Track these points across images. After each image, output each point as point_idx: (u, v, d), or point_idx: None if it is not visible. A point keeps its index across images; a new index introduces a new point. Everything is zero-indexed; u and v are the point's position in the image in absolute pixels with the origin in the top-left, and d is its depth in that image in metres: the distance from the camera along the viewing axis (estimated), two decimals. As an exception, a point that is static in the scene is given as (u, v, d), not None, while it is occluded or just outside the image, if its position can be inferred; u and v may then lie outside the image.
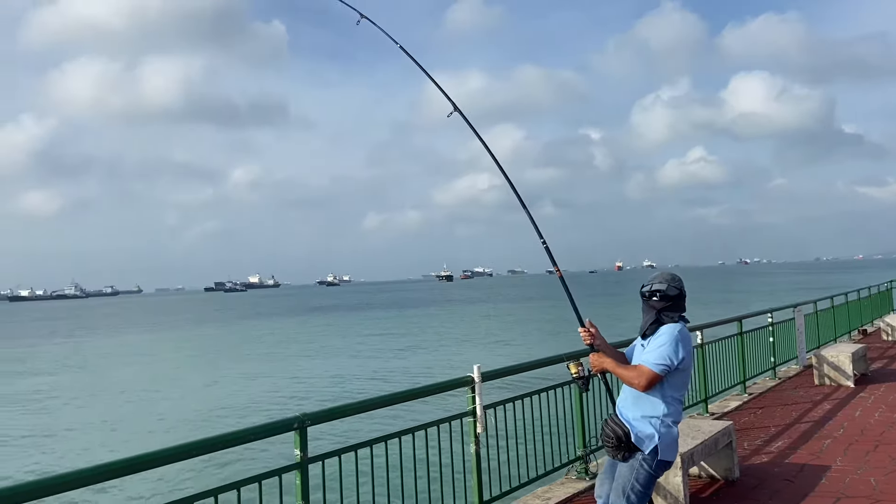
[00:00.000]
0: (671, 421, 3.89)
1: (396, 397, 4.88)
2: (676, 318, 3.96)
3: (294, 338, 46.97)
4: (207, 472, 9.34)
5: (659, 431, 3.83)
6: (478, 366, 5.35)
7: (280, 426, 3.88)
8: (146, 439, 16.27)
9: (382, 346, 37.64)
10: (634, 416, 3.90)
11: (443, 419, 5.12)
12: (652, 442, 3.82)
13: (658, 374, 3.79)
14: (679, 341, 3.84)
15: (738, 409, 9.26)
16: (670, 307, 3.97)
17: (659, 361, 3.79)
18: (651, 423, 3.84)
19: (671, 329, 3.89)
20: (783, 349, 11.78)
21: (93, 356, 40.86)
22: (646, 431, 3.84)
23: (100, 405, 23.14)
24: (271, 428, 3.88)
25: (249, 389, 24.47)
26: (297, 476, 3.88)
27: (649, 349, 3.89)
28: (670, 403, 3.88)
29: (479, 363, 5.48)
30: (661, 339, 3.87)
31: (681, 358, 3.82)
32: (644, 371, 3.81)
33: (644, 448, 3.82)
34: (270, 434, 3.86)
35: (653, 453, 3.82)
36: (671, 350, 3.80)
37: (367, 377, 25.85)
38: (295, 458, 3.90)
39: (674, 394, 3.90)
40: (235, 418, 18.60)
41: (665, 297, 3.98)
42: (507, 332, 42.32)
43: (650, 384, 3.80)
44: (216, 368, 31.49)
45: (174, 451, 3.44)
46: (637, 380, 3.81)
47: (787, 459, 6.75)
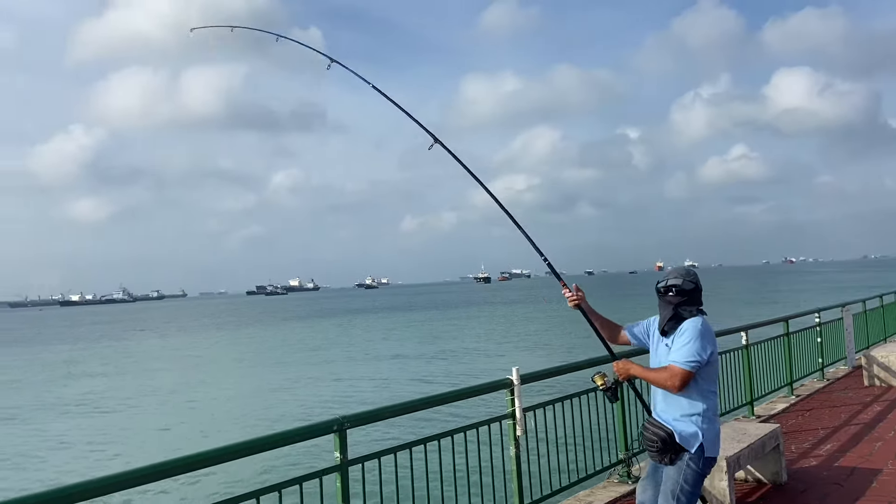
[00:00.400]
0: (712, 414, 3.83)
1: (435, 400, 4.88)
2: (695, 311, 3.89)
3: (334, 340, 47.42)
4: (248, 473, 9.45)
5: (701, 428, 3.76)
6: (516, 368, 5.31)
7: (319, 429, 3.91)
8: (192, 441, 16.58)
9: (421, 348, 37.73)
10: (674, 416, 3.82)
11: (482, 422, 5.10)
12: (697, 440, 3.75)
13: (690, 372, 3.72)
14: (703, 335, 3.78)
15: (786, 411, 9.04)
16: (687, 301, 3.90)
17: (689, 359, 3.72)
18: (693, 421, 3.77)
19: (693, 324, 3.82)
20: (831, 350, 11.46)
21: (144, 358, 41.89)
22: (689, 430, 3.76)
23: (151, 406, 23.67)
24: (311, 430, 3.91)
25: (291, 391, 24.81)
26: (338, 478, 3.91)
27: (675, 348, 3.81)
28: (707, 397, 3.81)
29: (517, 365, 5.45)
30: (685, 336, 3.78)
31: (709, 352, 3.77)
32: (676, 371, 3.73)
33: (690, 447, 3.75)
34: (310, 437, 3.89)
35: (699, 451, 3.75)
36: (699, 346, 3.73)
37: (406, 379, 25.98)
38: (335, 460, 3.92)
39: (709, 387, 3.84)
40: (277, 420, 18.81)
41: (681, 292, 3.90)
42: (547, 334, 42.05)
43: (684, 383, 3.72)
44: (260, 370, 32.04)
45: (216, 454, 3.49)
46: (670, 381, 3.74)
47: (836, 463, 6.56)
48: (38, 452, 17.44)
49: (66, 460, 16.48)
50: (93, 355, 45.99)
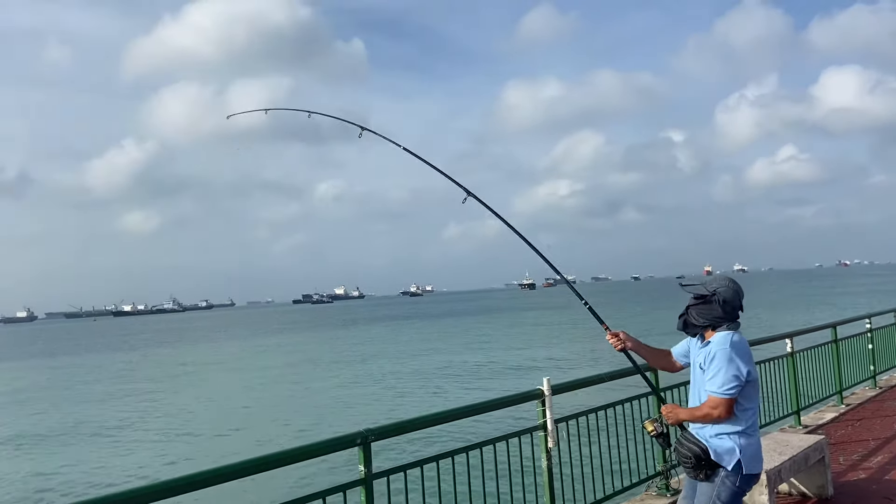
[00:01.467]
0: (751, 430, 3.66)
1: (463, 412, 4.80)
2: (726, 325, 3.70)
3: (371, 348, 47.72)
4: (272, 486, 9.40)
5: (739, 444, 3.60)
6: (547, 378, 5.22)
7: (343, 442, 3.88)
8: (218, 453, 16.66)
9: (457, 356, 37.64)
10: (710, 432, 3.67)
11: (511, 433, 5.02)
12: (733, 456, 3.59)
13: (732, 399, 3.55)
14: (735, 356, 3.59)
15: (834, 420, 8.72)
16: (704, 310, 3.73)
17: (728, 386, 3.55)
18: (729, 437, 3.61)
19: (722, 346, 3.63)
20: (884, 356, 11.03)
21: (191, 366, 42.86)
22: (725, 446, 3.61)
23: (188, 416, 24.15)
24: (334, 444, 3.88)
25: (322, 401, 25.09)
26: (362, 492, 3.88)
27: (709, 376, 3.63)
28: (746, 413, 3.64)
29: (549, 375, 5.36)
30: (717, 362, 3.60)
31: (746, 372, 3.59)
32: (716, 402, 3.57)
33: (726, 464, 3.60)
34: (334, 450, 3.87)
35: (736, 468, 3.59)
36: (734, 370, 3.56)
37: (437, 389, 25.87)
38: (359, 473, 3.90)
39: (747, 404, 3.66)
40: (304, 431, 18.92)
41: (707, 302, 3.73)
42: (584, 342, 41.58)
43: (728, 411, 3.56)
44: (292, 379, 32.48)
45: (236, 469, 3.50)
46: (714, 412, 3.58)
47: (886, 476, 6.29)
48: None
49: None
50: (130, 367, 47.20)
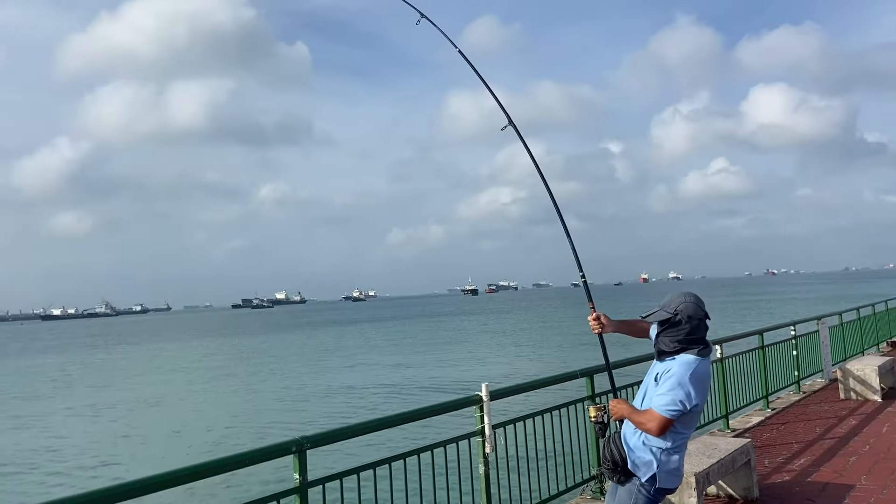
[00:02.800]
0: (675, 449, 3.70)
1: (399, 418, 4.78)
2: (695, 349, 3.65)
3: (308, 353, 47.22)
4: (204, 496, 9.16)
5: (658, 459, 3.66)
6: (486, 384, 5.25)
7: (277, 450, 3.82)
8: (148, 462, 16.16)
9: (396, 361, 37.58)
10: (635, 442, 3.73)
11: (450, 440, 5.02)
12: (650, 470, 3.66)
13: (670, 420, 3.57)
14: (690, 384, 3.57)
15: (761, 424, 9.04)
16: (670, 332, 3.70)
17: (671, 407, 3.55)
18: (651, 451, 3.67)
19: (685, 368, 3.61)
20: (808, 362, 11.51)
21: (112, 372, 41.44)
22: (644, 458, 3.68)
23: (117, 424, 23.33)
24: (269, 452, 3.81)
25: (257, 407, 24.67)
26: (296, 501, 3.81)
27: (660, 390, 3.64)
28: (678, 435, 3.67)
29: (487, 381, 5.39)
30: (672, 380, 3.59)
31: (694, 403, 3.58)
32: (654, 416, 3.59)
33: (640, 475, 3.67)
34: (267, 458, 3.80)
35: (650, 480, 3.67)
36: (683, 394, 3.55)
37: (376, 395, 25.71)
38: (294, 482, 3.84)
39: (682, 430, 3.69)
40: (237, 439, 18.56)
41: (672, 325, 3.71)
42: (523, 348, 42.05)
43: (662, 430, 3.58)
44: (226, 385, 31.85)
45: (170, 477, 3.39)
46: (649, 425, 3.61)
47: (809, 478, 6.54)
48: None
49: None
50: (48, 371, 45.44)
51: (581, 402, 6.31)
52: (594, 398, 6.33)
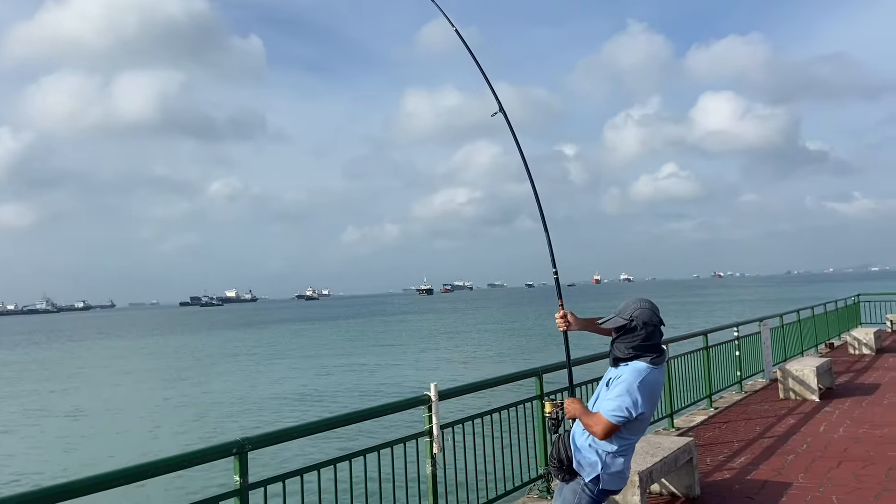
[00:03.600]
0: (621, 452, 3.74)
1: (346, 419, 4.71)
2: (650, 358, 3.69)
3: (256, 352, 46.60)
4: (141, 498, 8.92)
5: (603, 461, 3.71)
6: (435, 384, 5.23)
7: (218, 451, 3.72)
8: (85, 463, 15.66)
9: (347, 361, 37.30)
10: (582, 442, 3.79)
11: (397, 440, 4.98)
12: (594, 471, 3.71)
13: (615, 426, 3.61)
14: (638, 392, 3.60)
15: (704, 423, 9.23)
16: (625, 339, 3.74)
17: (616, 413, 3.60)
18: (597, 453, 3.72)
19: (635, 375, 3.65)
20: (750, 363, 11.81)
21: (53, 370, 40.15)
22: (589, 459, 3.73)
23: (53, 425, 22.59)
24: (209, 453, 3.70)
25: (199, 407, 24.18)
26: (237, 503, 3.73)
27: (609, 395, 3.69)
28: (624, 439, 3.71)
29: (436, 380, 5.37)
30: (621, 387, 3.64)
31: (640, 412, 3.61)
32: (601, 421, 3.63)
33: (584, 476, 3.73)
34: (207, 460, 3.69)
35: (594, 481, 3.71)
36: (630, 402, 3.59)
37: (324, 394, 25.48)
38: (234, 484, 3.74)
39: (628, 435, 3.73)
40: (178, 440, 18.14)
41: (628, 331, 3.75)
42: (475, 348, 42.23)
43: (606, 435, 3.63)
44: (167, 384, 31.22)
45: (107, 478, 3.27)
46: (595, 428, 3.65)
47: (748, 476, 6.70)
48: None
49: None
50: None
51: (529, 402, 6.35)
52: (542, 398, 6.37)
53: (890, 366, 13.58)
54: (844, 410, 9.55)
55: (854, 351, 15.79)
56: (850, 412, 9.41)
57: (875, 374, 12.62)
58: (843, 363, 14.13)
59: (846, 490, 6.10)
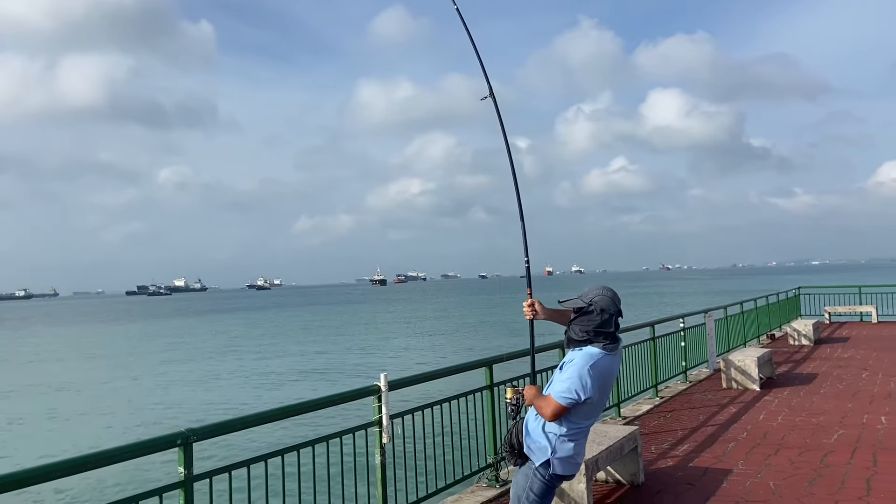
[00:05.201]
0: (570, 437, 3.79)
1: (294, 409, 4.65)
2: (600, 343, 3.75)
3: (205, 342, 45.85)
4: (82, 490, 8.69)
5: (553, 446, 3.76)
6: (384, 374, 5.22)
7: (162, 442, 3.65)
8: (22, 455, 15.22)
9: (297, 351, 37.06)
10: (533, 427, 3.85)
11: (345, 430, 4.96)
12: (543, 455, 3.76)
13: (564, 408, 3.67)
14: (588, 376, 3.65)
15: (649, 412, 9.44)
16: (581, 322, 3.79)
17: (565, 395, 3.66)
18: (548, 437, 3.77)
19: (586, 359, 3.71)
20: (694, 353, 12.12)
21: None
22: (540, 444, 3.78)
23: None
24: (152, 445, 3.63)
25: (142, 398, 23.73)
26: (181, 496, 3.67)
27: (561, 377, 3.75)
28: (574, 424, 3.76)
29: (386, 371, 5.36)
30: (572, 370, 3.70)
31: (589, 395, 3.66)
32: (550, 402, 3.70)
33: (534, 460, 3.79)
34: (150, 452, 3.62)
35: (545, 465, 3.77)
36: (580, 385, 3.65)
37: (274, 384, 25.26)
38: (179, 475, 3.68)
39: (578, 421, 3.77)
40: (121, 432, 17.76)
41: (585, 313, 3.81)
42: (427, 338, 42.33)
43: (555, 416, 3.69)
44: (116, 375, 30.51)
45: (46, 470, 3.18)
46: (544, 410, 3.73)
47: (691, 463, 6.89)
48: None
49: None
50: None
51: (479, 392, 6.39)
52: (492, 388, 6.43)
53: (827, 356, 14.11)
54: (783, 399, 9.88)
55: (794, 342, 16.35)
56: (788, 401, 9.74)
57: (813, 365, 13.09)
58: (784, 354, 14.61)
59: (783, 476, 6.32)
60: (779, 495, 5.81)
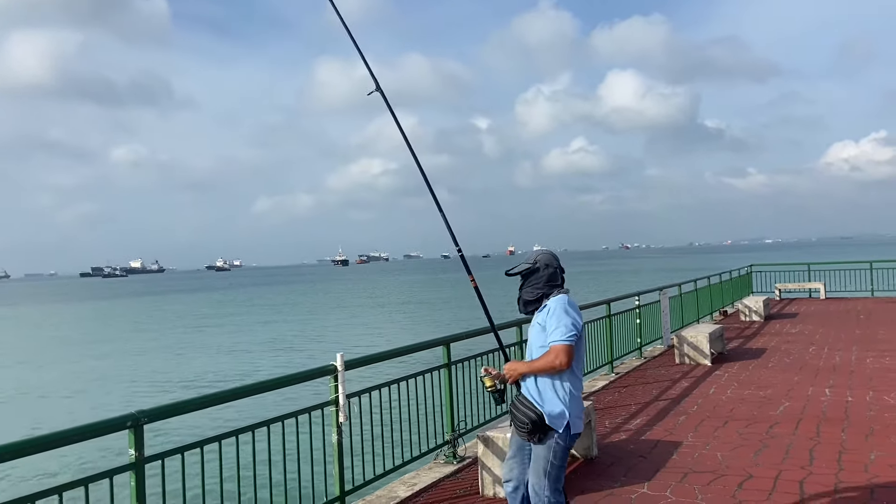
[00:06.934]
0: (576, 392, 3.89)
1: (248, 390, 4.62)
2: (557, 291, 3.98)
3: (159, 324, 45.16)
4: (30, 474, 8.54)
5: (568, 406, 3.81)
6: (341, 354, 5.23)
7: (111, 425, 3.60)
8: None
9: (255, 331, 36.72)
10: (544, 396, 3.84)
11: (301, 410, 4.96)
12: (564, 419, 3.80)
13: (572, 346, 3.76)
14: (571, 310, 3.86)
15: (605, 388, 9.64)
16: (533, 282, 4.00)
17: (568, 333, 3.76)
18: (560, 400, 3.81)
19: (560, 301, 3.90)
20: (649, 330, 12.38)
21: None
22: (557, 410, 3.80)
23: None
24: (101, 427, 3.58)
25: (92, 379, 23.41)
26: (132, 478, 3.63)
27: (550, 329, 3.83)
28: (574, 375, 3.87)
29: (342, 351, 5.37)
30: (557, 313, 3.84)
31: (580, 323, 3.86)
32: (559, 349, 3.74)
33: (557, 427, 3.79)
34: (100, 434, 3.57)
35: (566, 430, 3.81)
36: (571, 320, 3.81)
37: (227, 365, 25.03)
38: (129, 457, 3.65)
39: (576, 364, 3.87)
40: (71, 414, 17.42)
41: (534, 272, 4.02)
42: (387, 317, 42.37)
43: (570, 357, 3.74)
44: (65, 356, 29.92)
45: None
46: (558, 360, 3.74)
47: (643, 436, 7.07)
48: None
49: None
50: None
51: (437, 371, 6.45)
52: (450, 366, 6.49)
53: (776, 332, 14.54)
54: (733, 373, 10.17)
55: (745, 318, 16.81)
56: (737, 375, 10.04)
57: (762, 340, 13.49)
58: (735, 329, 15.02)
59: (731, 447, 6.54)
60: (726, 465, 6.00)
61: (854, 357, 11.06)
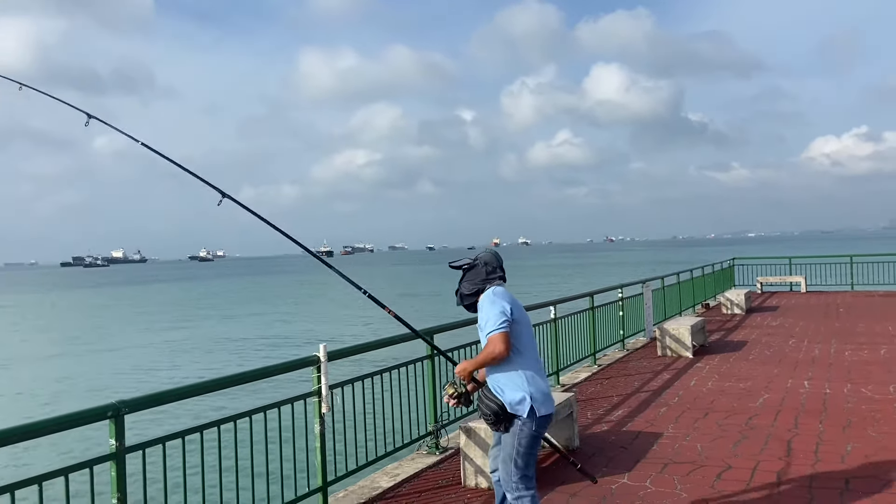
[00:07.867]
0: (534, 374, 3.92)
1: (231, 380, 4.61)
2: (489, 285, 4.09)
3: (142, 314, 44.88)
4: (5, 465, 8.49)
5: (528, 392, 3.85)
6: (324, 344, 5.22)
7: (93, 414, 3.58)
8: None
9: (237, 322, 36.58)
10: (502, 385, 3.90)
11: (284, 401, 4.95)
12: (525, 405, 3.83)
13: (505, 332, 3.81)
14: (497, 298, 3.95)
15: (587, 379, 9.71)
16: (468, 279, 4.14)
17: (498, 322, 3.82)
18: (518, 386, 3.85)
19: (489, 295, 4.02)
20: (632, 323, 12.47)
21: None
22: (517, 397, 3.84)
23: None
24: (83, 417, 3.56)
25: (73, 369, 23.25)
26: (113, 468, 3.62)
27: (482, 323, 3.94)
28: (525, 357, 3.90)
29: (326, 342, 5.36)
30: (484, 308, 3.96)
31: (509, 309, 3.90)
32: (492, 338, 3.82)
33: (521, 413, 3.84)
34: (80, 424, 3.55)
35: (531, 414, 3.84)
36: (499, 309, 3.87)
37: (209, 355, 24.95)
38: (110, 448, 3.63)
39: (521, 348, 3.90)
40: (51, 404, 17.40)
41: (473, 268, 4.17)
42: (370, 309, 42.26)
43: (505, 344, 3.79)
44: (46, 346, 29.69)
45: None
46: (494, 349, 3.81)
47: (624, 428, 7.13)
48: None
49: None
50: None
51: (420, 362, 6.46)
52: (434, 357, 6.50)
53: (757, 324, 14.70)
54: (714, 366, 10.28)
55: (727, 311, 16.97)
56: (718, 367, 10.14)
57: (743, 332, 13.63)
58: (716, 322, 15.16)
59: (710, 438, 6.61)
60: (705, 456, 6.07)
61: (833, 350, 11.21)
